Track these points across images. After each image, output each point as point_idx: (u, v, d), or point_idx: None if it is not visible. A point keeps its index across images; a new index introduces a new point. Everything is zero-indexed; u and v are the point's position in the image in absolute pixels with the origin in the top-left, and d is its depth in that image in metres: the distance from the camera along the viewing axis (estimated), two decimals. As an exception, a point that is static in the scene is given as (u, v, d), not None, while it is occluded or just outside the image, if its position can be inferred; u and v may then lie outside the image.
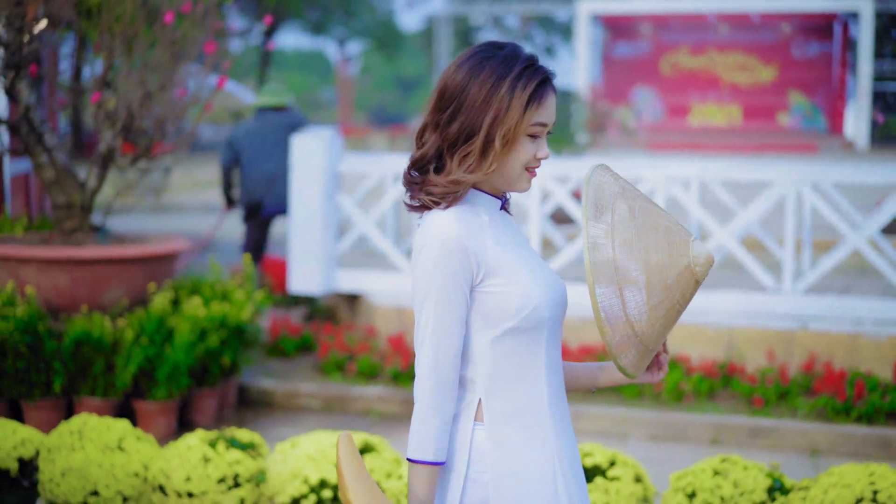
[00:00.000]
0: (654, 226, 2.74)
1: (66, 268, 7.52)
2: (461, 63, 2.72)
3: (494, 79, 2.66)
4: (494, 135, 2.64)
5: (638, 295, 2.71)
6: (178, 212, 20.37)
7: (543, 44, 39.97)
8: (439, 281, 2.61)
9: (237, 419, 7.92)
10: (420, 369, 2.65)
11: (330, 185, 9.33)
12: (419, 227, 2.72)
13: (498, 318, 2.66)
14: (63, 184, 7.86)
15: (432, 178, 2.69)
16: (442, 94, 2.71)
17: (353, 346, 8.66)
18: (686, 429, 7.50)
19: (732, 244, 8.53)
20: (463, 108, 2.66)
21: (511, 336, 2.68)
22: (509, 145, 2.67)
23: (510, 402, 2.70)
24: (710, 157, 22.95)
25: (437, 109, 2.72)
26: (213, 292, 8.03)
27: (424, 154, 2.72)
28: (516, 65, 2.68)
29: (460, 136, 2.67)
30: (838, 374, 7.67)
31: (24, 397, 7.25)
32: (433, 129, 2.72)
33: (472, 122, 2.65)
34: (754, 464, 5.05)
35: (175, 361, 7.30)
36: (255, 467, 5.27)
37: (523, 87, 2.66)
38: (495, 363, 2.69)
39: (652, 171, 8.75)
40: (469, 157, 2.66)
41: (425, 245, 2.63)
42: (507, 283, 2.66)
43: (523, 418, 2.70)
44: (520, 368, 2.70)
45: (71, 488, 5.22)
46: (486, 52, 2.72)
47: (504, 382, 2.69)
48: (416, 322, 2.68)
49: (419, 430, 2.64)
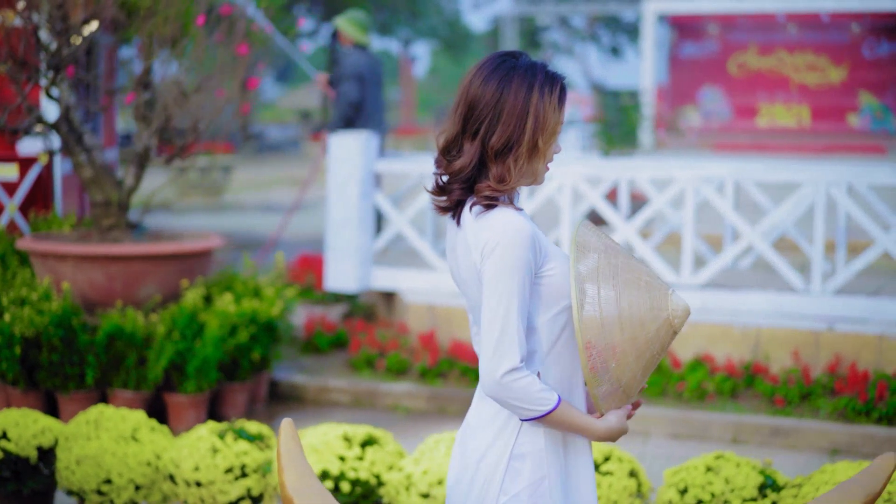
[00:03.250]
0: (636, 281, 2.97)
1: (102, 264, 7.73)
2: (486, 77, 2.96)
3: (526, 86, 2.92)
4: (538, 139, 2.92)
5: (623, 349, 2.94)
6: (238, 211, 20.65)
7: (610, 44, 39.93)
8: (521, 268, 2.85)
9: (267, 413, 8.09)
10: (499, 346, 2.84)
11: (366, 184, 9.48)
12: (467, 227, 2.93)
13: (555, 299, 2.94)
14: (101, 182, 8.08)
15: (483, 185, 2.93)
16: (472, 107, 2.95)
17: (384, 343, 8.81)
18: (707, 428, 7.55)
19: (762, 245, 8.55)
20: (502, 116, 2.91)
21: (563, 314, 2.97)
22: (547, 145, 2.96)
23: (561, 371, 3.00)
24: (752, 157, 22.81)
25: (466, 121, 2.95)
26: (246, 289, 8.21)
27: (466, 164, 2.94)
28: (538, 72, 2.95)
29: (507, 143, 2.92)
30: (861, 376, 7.68)
31: (59, 389, 7.47)
32: (471, 140, 2.95)
33: (515, 129, 2.91)
34: (747, 461, 5.11)
35: (204, 356, 7.48)
36: (262, 458, 5.42)
37: (550, 91, 2.94)
38: (551, 339, 2.97)
39: (682, 172, 8.79)
40: (519, 160, 2.93)
41: (501, 240, 2.85)
42: (558, 266, 2.95)
43: (570, 384, 3.01)
44: (568, 342, 2.99)
45: (85, 476, 5.41)
46: (508, 62, 2.97)
47: (557, 356, 2.98)
48: (491, 312, 2.86)
49: (531, 389, 2.85)
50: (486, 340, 2.87)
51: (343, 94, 10.31)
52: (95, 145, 8.07)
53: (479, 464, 3.02)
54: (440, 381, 8.32)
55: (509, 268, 2.84)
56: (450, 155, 2.99)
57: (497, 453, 2.99)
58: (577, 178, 8.99)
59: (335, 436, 5.36)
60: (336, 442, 5.32)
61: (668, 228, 10.36)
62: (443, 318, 9.13)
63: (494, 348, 2.84)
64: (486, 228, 2.89)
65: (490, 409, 3.04)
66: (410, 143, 35.77)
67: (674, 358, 8.31)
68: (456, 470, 3.13)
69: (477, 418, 3.08)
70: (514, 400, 2.86)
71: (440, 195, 3.01)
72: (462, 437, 3.16)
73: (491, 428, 3.02)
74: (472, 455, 3.05)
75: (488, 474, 3.00)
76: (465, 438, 3.13)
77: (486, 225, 2.90)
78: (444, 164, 3.00)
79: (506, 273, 2.84)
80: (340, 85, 10.44)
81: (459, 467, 3.11)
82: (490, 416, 3.03)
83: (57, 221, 9.27)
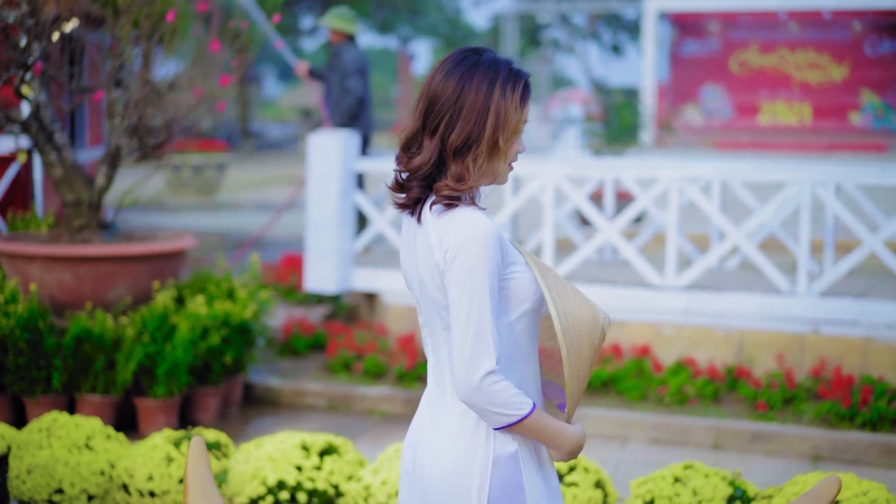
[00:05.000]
0: (575, 294, 2.94)
1: (70, 265, 7.58)
2: (448, 71, 2.86)
3: (487, 83, 2.83)
4: (498, 137, 2.83)
5: (586, 357, 2.91)
6: (233, 210, 20.50)
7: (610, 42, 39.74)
8: (489, 269, 2.76)
9: (241, 417, 7.94)
10: (475, 349, 2.74)
11: (346, 183, 9.33)
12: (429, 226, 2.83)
13: (518, 301, 2.85)
14: (72, 182, 7.93)
15: (441, 184, 2.83)
16: (432, 102, 2.85)
17: (362, 345, 8.65)
18: (687, 433, 7.39)
19: (746, 245, 8.38)
20: (462, 113, 2.82)
21: (525, 317, 2.87)
22: (508, 144, 2.86)
23: (519, 378, 2.88)
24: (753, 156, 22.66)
25: (427, 117, 2.85)
26: (219, 290, 8.05)
27: (425, 161, 2.85)
28: (501, 68, 2.86)
29: (466, 141, 2.82)
30: (846, 380, 7.51)
31: (26, 393, 7.31)
32: (430, 136, 2.85)
33: (475, 126, 2.81)
34: (716, 471, 4.95)
35: (174, 359, 7.32)
36: (218, 467, 5.26)
37: (512, 89, 2.84)
38: (510, 343, 2.85)
39: (666, 172, 8.62)
40: (479, 158, 2.83)
41: (467, 241, 2.75)
42: (522, 270, 2.86)
43: (527, 391, 2.89)
44: (527, 348, 2.90)
45: (36, 485, 5.26)
46: (471, 58, 2.87)
47: (515, 361, 2.87)
48: (462, 314, 2.76)
49: (498, 398, 2.74)
50: (459, 344, 2.75)
51: (349, 89, 10.34)
52: (66, 144, 7.91)
53: (448, 471, 2.86)
54: (418, 385, 8.16)
55: (478, 269, 2.75)
56: (409, 151, 2.89)
57: (470, 459, 2.84)
58: (560, 178, 8.82)
59: (292, 444, 5.21)
60: (293, 451, 5.17)
61: (655, 228, 10.20)
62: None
63: (471, 352, 2.74)
64: (451, 229, 2.80)
65: (455, 411, 2.90)
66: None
67: (655, 361, 8.15)
68: (415, 481, 2.97)
69: (438, 422, 2.93)
70: (490, 405, 2.74)
71: (399, 192, 2.92)
72: (415, 442, 3.00)
73: (460, 432, 2.87)
74: (437, 462, 2.89)
75: (461, 483, 2.85)
76: (421, 444, 2.97)
77: (450, 225, 2.80)
78: (405, 160, 2.90)
79: (475, 274, 2.75)
80: (343, 80, 10.41)
81: (419, 477, 2.94)
82: (456, 420, 2.88)
83: (35, 221, 9.12)
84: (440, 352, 2.94)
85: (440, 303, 2.86)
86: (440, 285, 2.84)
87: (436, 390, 2.98)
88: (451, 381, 2.91)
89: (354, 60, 10.46)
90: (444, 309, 2.87)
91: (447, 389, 2.92)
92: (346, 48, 10.60)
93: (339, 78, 10.52)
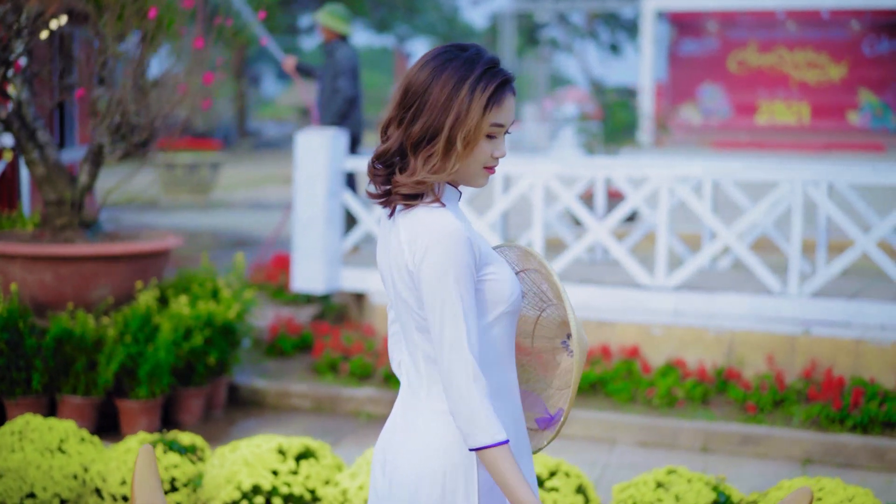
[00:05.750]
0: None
1: (52, 265, 7.48)
2: (425, 63, 2.80)
3: (455, 80, 2.74)
4: (456, 137, 2.73)
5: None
6: (227, 209, 20.40)
7: (609, 41, 39.62)
8: (458, 271, 2.68)
9: (226, 419, 7.84)
10: (457, 356, 2.67)
11: (334, 182, 9.23)
12: (400, 224, 2.77)
13: (494, 304, 2.78)
14: (54, 180, 7.83)
15: (398, 178, 2.76)
16: (405, 91, 2.78)
17: (349, 345, 8.55)
18: (676, 435, 7.29)
19: (737, 245, 8.28)
20: (425, 108, 2.74)
21: (500, 320, 2.80)
22: (470, 146, 2.75)
23: (497, 382, 2.81)
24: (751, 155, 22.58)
25: (400, 106, 2.78)
26: (203, 290, 7.95)
27: (388, 149, 2.78)
28: (477, 67, 2.76)
29: (423, 136, 2.74)
30: (836, 382, 7.42)
31: (6, 395, 7.21)
32: (397, 125, 2.79)
33: (434, 122, 2.73)
34: (700, 476, 4.85)
35: (157, 360, 7.22)
36: (193, 471, 5.17)
37: (482, 89, 2.74)
38: (485, 346, 2.78)
39: (656, 171, 8.52)
40: (432, 157, 2.74)
41: (434, 241, 2.69)
42: (498, 271, 2.79)
43: (502, 396, 2.82)
44: (502, 351, 2.83)
45: (7, 490, 5.16)
46: (450, 53, 2.80)
47: (493, 365, 2.80)
48: (436, 318, 2.69)
49: (482, 413, 2.64)
50: (440, 348, 2.69)
51: (339, 89, 10.28)
52: (48, 142, 7.81)
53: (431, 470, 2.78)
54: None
55: (447, 271, 2.68)
56: (384, 136, 2.84)
57: (452, 458, 2.77)
58: (550, 177, 8.72)
59: (269, 448, 5.11)
60: (269, 455, 5.07)
61: (647, 227, 10.10)
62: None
63: (449, 358, 2.67)
64: (418, 229, 2.74)
65: (429, 410, 2.82)
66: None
67: (644, 363, 8.05)
68: (388, 484, 2.87)
69: (414, 422, 2.85)
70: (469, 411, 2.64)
71: (370, 179, 2.85)
72: (387, 445, 2.91)
73: (439, 432, 2.79)
74: (421, 463, 2.80)
75: (446, 482, 2.77)
76: (395, 446, 2.88)
77: (418, 225, 2.75)
78: (378, 147, 2.85)
79: (444, 277, 2.68)
80: (334, 80, 10.34)
81: (395, 481, 2.85)
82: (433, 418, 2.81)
83: (22, 220, 9.02)
84: (415, 353, 2.86)
85: (408, 303, 2.80)
86: (409, 285, 2.78)
87: (408, 390, 2.91)
88: (426, 382, 2.84)
89: (346, 59, 10.39)
90: (413, 310, 2.79)
91: (422, 388, 2.85)
92: (338, 46, 10.53)
93: (331, 77, 10.45)
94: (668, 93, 27.67)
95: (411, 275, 2.75)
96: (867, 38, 31.52)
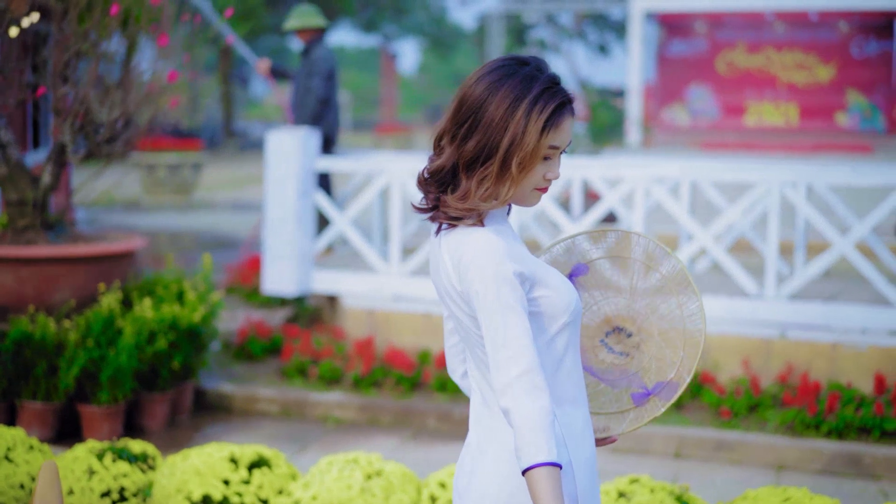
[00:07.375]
0: None
1: (11, 267, 7.33)
2: (482, 76, 2.68)
3: (511, 99, 2.62)
4: (511, 159, 2.62)
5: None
6: (209, 209, 20.23)
7: (597, 41, 39.45)
8: (505, 287, 2.59)
9: (192, 425, 7.68)
10: (516, 373, 2.56)
11: (306, 182, 9.08)
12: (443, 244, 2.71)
13: (552, 319, 2.70)
14: (16, 181, 7.68)
15: (448, 200, 2.67)
16: (460, 105, 2.67)
17: (319, 349, 8.39)
18: (649, 441, 7.14)
19: (713, 247, 8.14)
20: (480, 125, 2.63)
21: (565, 331, 2.73)
22: (526, 170, 2.64)
23: (567, 391, 2.75)
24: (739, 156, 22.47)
25: (454, 120, 2.68)
26: (168, 293, 7.79)
27: (442, 166, 2.68)
28: (535, 85, 2.64)
29: (478, 155, 2.64)
30: (812, 386, 7.27)
31: (-36, 400, 7.06)
32: (450, 140, 2.68)
33: (489, 142, 2.62)
34: (663, 485, 4.71)
35: (118, 364, 7.06)
36: (143, 481, 5.01)
37: (540, 111, 2.62)
38: (552, 360, 2.73)
39: (632, 172, 8.38)
40: (486, 180, 2.64)
41: (475, 264, 2.61)
42: (550, 288, 2.69)
43: (576, 402, 2.77)
44: (570, 362, 2.77)
45: (-49, 499, 5.00)
46: (509, 67, 2.67)
47: (561, 373, 2.75)
48: (488, 338, 2.61)
49: (543, 432, 2.51)
50: (493, 364, 2.60)
51: (312, 89, 10.11)
52: (10, 141, 7.65)
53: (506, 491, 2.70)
54: (374, 391, 7.91)
55: (492, 284, 2.59)
56: (437, 149, 2.72)
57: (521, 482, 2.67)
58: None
59: (220, 457, 4.95)
60: (221, 464, 4.91)
61: (625, 228, 9.95)
62: (381, 324, 8.73)
63: (496, 375, 2.58)
64: (462, 251, 2.66)
65: (499, 428, 2.74)
66: (392, 141, 35.24)
67: (619, 367, 7.89)
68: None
69: (487, 441, 2.77)
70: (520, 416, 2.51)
71: (421, 191, 2.75)
72: (466, 463, 2.85)
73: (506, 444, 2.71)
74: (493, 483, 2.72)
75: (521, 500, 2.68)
76: (471, 465, 2.81)
77: (461, 247, 2.66)
78: (432, 158, 2.74)
79: (490, 289, 2.59)
80: (308, 80, 10.20)
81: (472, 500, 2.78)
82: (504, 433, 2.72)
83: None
84: (483, 368, 2.79)
85: (462, 321, 2.74)
86: (460, 303, 2.71)
87: (482, 408, 2.83)
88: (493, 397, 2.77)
89: (322, 60, 10.24)
90: (469, 329, 2.74)
91: (492, 405, 2.78)
92: (315, 46, 10.37)
93: (305, 77, 10.30)
94: (656, 94, 27.59)
95: (461, 295, 2.69)
96: (855, 40, 31.44)
